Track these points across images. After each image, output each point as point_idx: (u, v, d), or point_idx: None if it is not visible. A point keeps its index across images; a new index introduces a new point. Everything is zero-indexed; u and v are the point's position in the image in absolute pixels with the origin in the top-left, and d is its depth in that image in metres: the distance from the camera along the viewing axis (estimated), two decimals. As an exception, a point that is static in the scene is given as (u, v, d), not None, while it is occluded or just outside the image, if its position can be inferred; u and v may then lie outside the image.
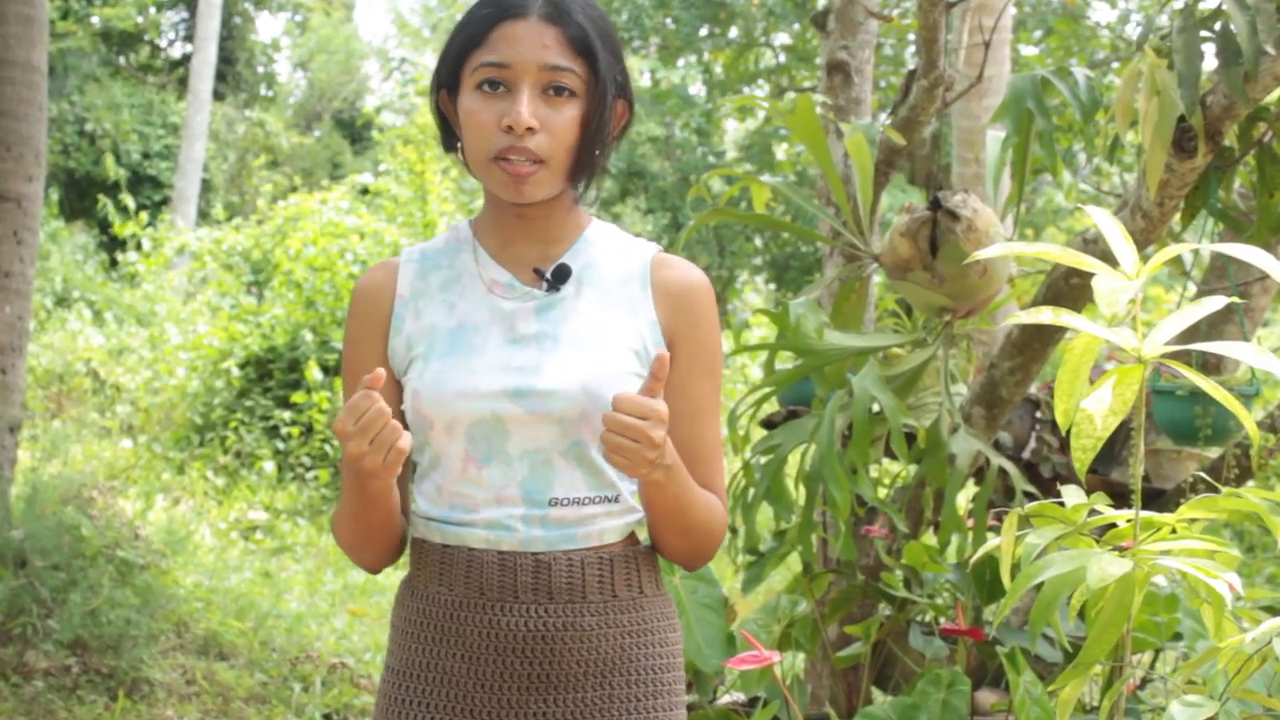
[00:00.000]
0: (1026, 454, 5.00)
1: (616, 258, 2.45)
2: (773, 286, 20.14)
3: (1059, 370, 1.94)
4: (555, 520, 2.35)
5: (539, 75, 2.28)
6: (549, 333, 2.37)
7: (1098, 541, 2.04)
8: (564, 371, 2.33)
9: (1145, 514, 2.02)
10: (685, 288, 2.44)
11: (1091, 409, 1.90)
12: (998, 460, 4.08)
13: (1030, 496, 4.22)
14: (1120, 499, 4.47)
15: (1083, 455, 1.91)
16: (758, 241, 20.55)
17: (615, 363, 2.35)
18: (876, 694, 4.69)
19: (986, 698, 4.25)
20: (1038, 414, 5.06)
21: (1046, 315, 1.92)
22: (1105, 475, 4.98)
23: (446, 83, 2.39)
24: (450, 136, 2.45)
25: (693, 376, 2.43)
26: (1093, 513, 2.07)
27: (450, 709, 2.37)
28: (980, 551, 2.18)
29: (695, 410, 2.43)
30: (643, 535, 2.47)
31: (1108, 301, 1.84)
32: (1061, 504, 2.08)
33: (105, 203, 15.10)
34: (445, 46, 2.38)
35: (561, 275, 2.40)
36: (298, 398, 11.45)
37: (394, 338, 2.40)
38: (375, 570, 2.46)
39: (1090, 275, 1.92)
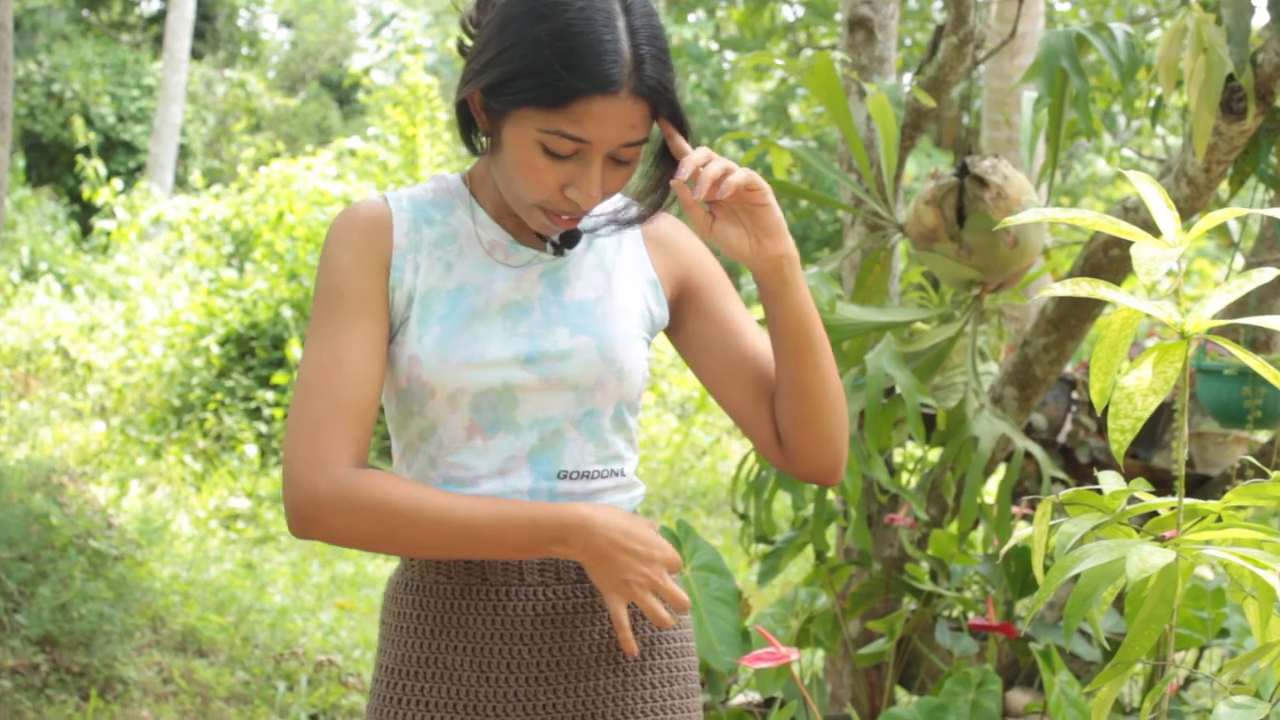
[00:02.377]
0: (1062, 437, 4.99)
1: (608, 216, 2.46)
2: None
3: (1095, 347, 1.93)
4: (563, 494, 2.36)
5: (614, 149, 2.23)
6: (553, 297, 2.38)
7: (1138, 531, 2.04)
8: (577, 335, 2.35)
9: (1189, 501, 2.01)
10: (667, 231, 2.50)
11: (1130, 387, 1.89)
12: (1024, 444, 4.07)
13: (1062, 483, 4.22)
14: (1162, 485, 4.47)
15: (1120, 437, 1.90)
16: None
17: (625, 325, 2.39)
18: (901, 694, 4.69)
19: (1019, 698, 4.25)
20: (1074, 395, 5.06)
21: (1084, 287, 1.91)
22: (1146, 460, 4.98)
23: (489, 94, 2.25)
24: (472, 130, 2.37)
25: (719, 301, 2.47)
26: (1132, 500, 2.06)
27: (451, 706, 2.36)
28: (1011, 542, 2.18)
29: (740, 327, 2.46)
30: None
31: (1146, 270, 1.83)
32: (1099, 491, 2.07)
33: (83, 164, 15.09)
34: (500, 53, 2.22)
35: (571, 239, 2.41)
36: (281, 378, 11.45)
37: (395, 290, 2.34)
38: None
39: (1130, 245, 1.91)
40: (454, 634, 2.36)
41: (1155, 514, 2.08)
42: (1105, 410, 1.93)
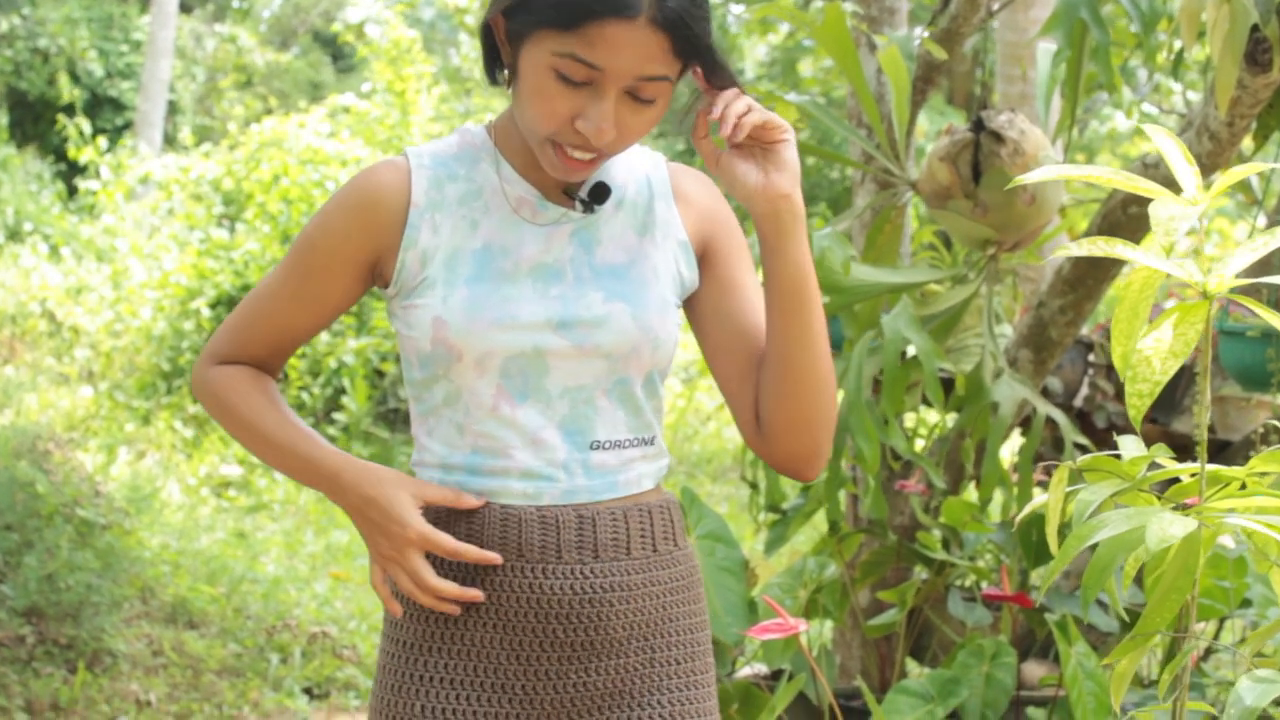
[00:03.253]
0: (1078, 402, 4.98)
1: (639, 173, 2.45)
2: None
3: (1115, 308, 1.91)
4: (597, 466, 2.35)
5: (630, 82, 2.21)
6: (584, 259, 2.36)
7: (1158, 498, 2.03)
8: (611, 302, 2.34)
9: (1211, 467, 2.00)
10: (697, 190, 2.48)
11: (1150, 350, 1.88)
12: (1045, 409, 4.06)
13: (1082, 449, 4.21)
14: (1182, 452, 4.45)
15: (1139, 401, 1.89)
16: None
17: (659, 291, 2.38)
18: (912, 666, 4.69)
19: (1034, 671, 4.25)
20: (1091, 358, 5.05)
21: (1102, 246, 1.90)
22: (1165, 425, 4.97)
23: (510, 16, 2.26)
24: (495, 60, 2.37)
25: (734, 269, 2.46)
26: (1153, 466, 2.05)
27: (479, 684, 2.35)
28: (1027, 509, 2.17)
29: (747, 299, 2.45)
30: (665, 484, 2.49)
31: (1166, 230, 1.82)
32: (1117, 456, 2.06)
33: (64, 123, 15.06)
34: None
35: (600, 195, 2.38)
36: (274, 341, 11.43)
37: (406, 251, 2.34)
38: None
39: (1149, 203, 1.90)
40: (486, 610, 2.34)
41: (1177, 481, 2.07)
42: (1122, 377, 1.92)
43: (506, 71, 2.33)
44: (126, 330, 12.36)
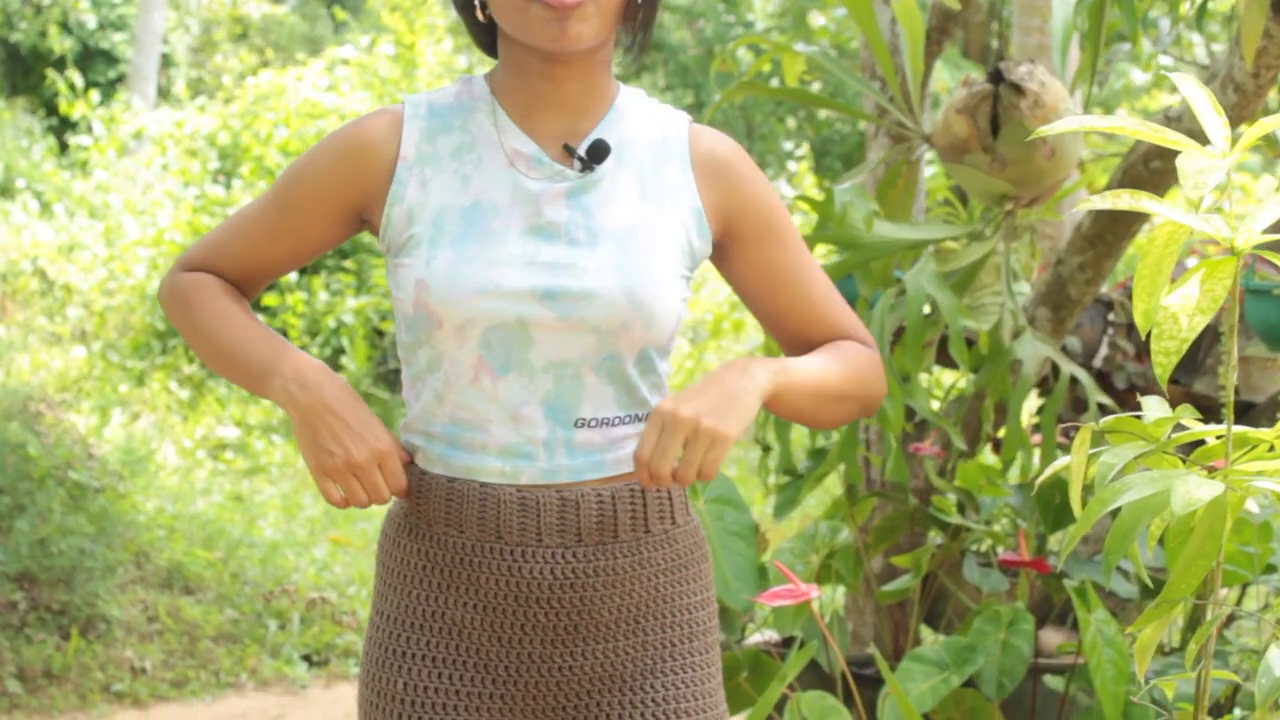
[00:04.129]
0: (1098, 362, 4.97)
1: (651, 133, 2.39)
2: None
3: (1139, 265, 1.90)
4: (581, 445, 2.30)
5: None
6: (581, 223, 2.30)
7: (1183, 461, 2.01)
8: (604, 272, 2.27)
9: (1238, 429, 1.98)
10: (723, 159, 2.42)
11: (1175, 307, 1.86)
12: (1068, 368, 4.05)
13: (1104, 409, 4.20)
14: (1205, 414, 4.44)
15: (1164, 359, 1.88)
16: (791, 122, 20.44)
17: (661, 263, 2.31)
18: (926, 633, 4.68)
19: (1052, 638, 4.24)
20: (1110, 316, 5.03)
21: (1125, 199, 1.88)
22: (1187, 386, 4.95)
23: None
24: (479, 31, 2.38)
25: (766, 248, 2.43)
26: (1177, 428, 2.03)
27: (461, 663, 2.33)
28: (1048, 472, 2.15)
29: (785, 280, 2.43)
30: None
31: (1194, 183, 1.80)
32: (1141, 418, 2.04)
33: (54, 78, 15.03)
34: None
35: (599, 153, 2.32)
36: (270, 299, 11.44)
37: (392, 206, 2.31)
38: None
39: (1173, 157, 1.88)
40: (464, 589, 2.32)
41: (1201, 443, 2.06)
42: (1149, 334, 1.90)
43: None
44: (120, 289, 12.34)
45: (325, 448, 2.24)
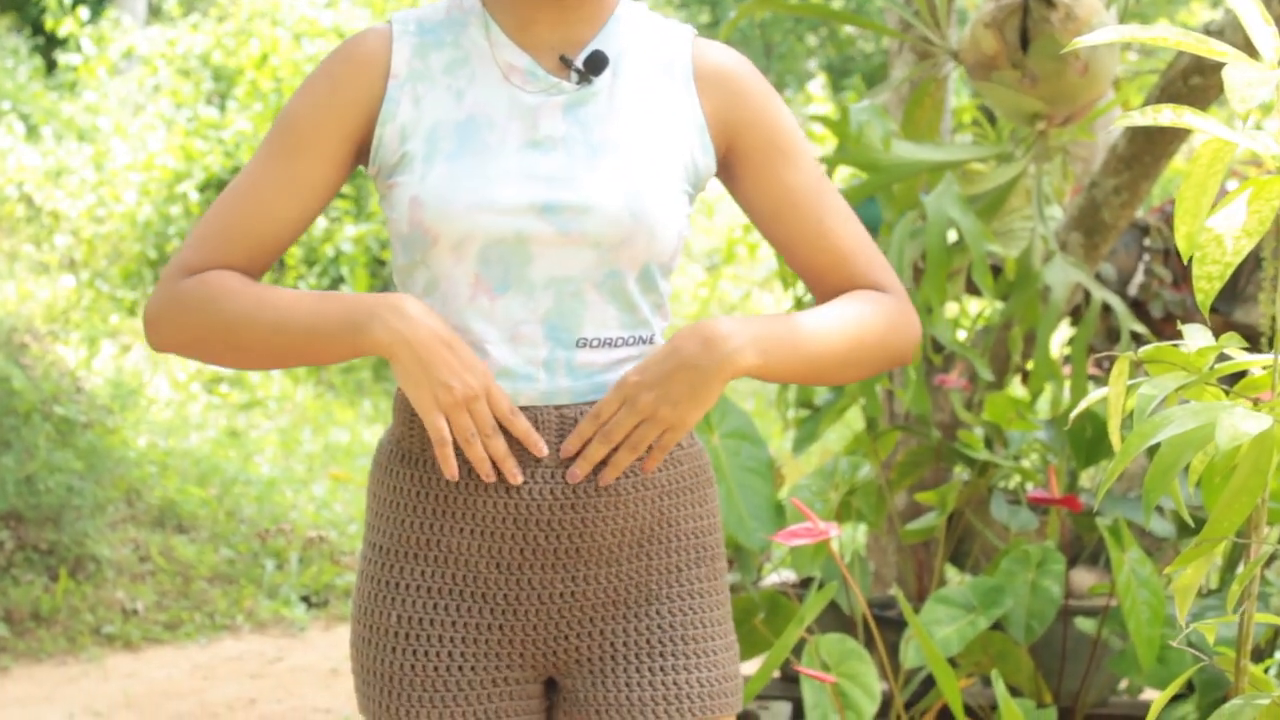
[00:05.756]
0: (1133, 289, 4.93)
1: (652, 45, 2.37)
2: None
3: (1181, 186, 1.87)
4: (582, 366, 2.29)
5: None
6: (579, 136, 2.29)
7: (1226, 393, 1.98)
8: (603, 185, 2.26)
9: (1286, 359, 1.95)
10: (728, 72, 2.39)
11: (1220, 229, 1.82)
12: (1101, 294, 4.02)
13: (1138, 339, 4.18)
14: (1247, 344, 4.41)
15: (1207, 285, 1.84)
16: (812, 40, 20.38)
17: (661, 176, 2.30)
18: (952, 574, 4.68)
19: (1084, 578, 4.23)
20: (1146, 242, 4.99)
21: (1167, 115, 1.84)
22: (1226, 315, 4.91)
23: None
24: None
25: (775, 167, 2.39)
26: (1220, 358, 2.00)
27: (459, 593, 2.32)
28: (1083, 404, 2.12)
29: (795, 202, 2.40)
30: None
31: (1241, 97, 1.76)
32: (1182, 347, 2.01)
33: (38, -5, 14.99)
34: None
35: (596, 65, 2.30)
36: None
37: (384, 125, 2.30)
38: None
39: (1214, 73, 1.84)
40: (460, 516, 2.31)
41: (1243, 374, 2.03)
42: (1190, 260, 1.87)
43: None
44: (110, 215, 12.33)
45: (443, 381, 2.21)
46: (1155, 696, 4.26)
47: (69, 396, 7.02)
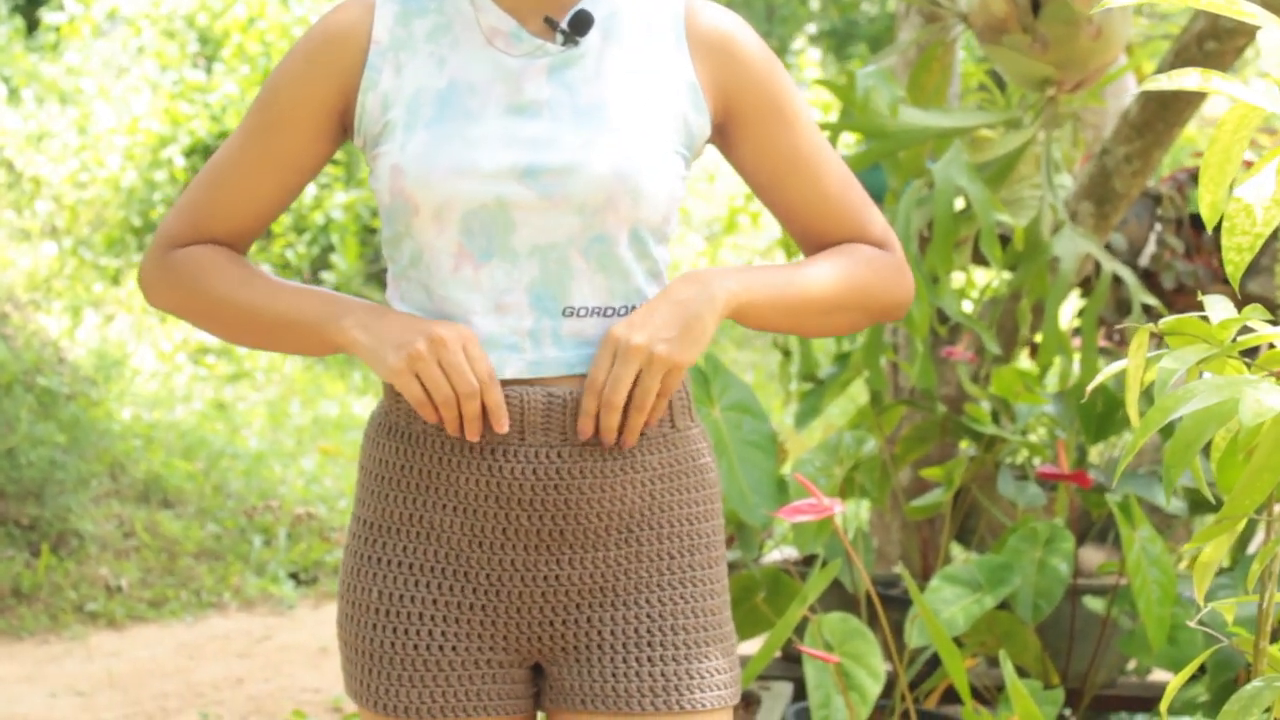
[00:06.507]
0: (1144, 260, 4.92)
1: (643, 6, 2.35)
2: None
3: (1206, 152, 1.84)
4: (570, 335, 2.27)
5: None
6: (564, 99, 2.27)
7: (1248, 367, 1.96)
8: (587, 146, 2.24)
9: (1308, 332, 1.93)
10: (723, 33, 2.37)
11: (1249, 198, 1.80)
12: (1111, 266, 4.01)
13: (1150, 311, 4.16)
14: (1262, 316, 4.40)
15: (1236, 258, 1.82)
16: (814, 3, 20.36)
17: (650, 136, 2.28)
18: (958, 551, 4.67)
19: (1093, 556, 4.22)
20: (1158, 211, 4.98)
21: (1194, 78, 1.82)
22: (1240, 286, 4.91)
23: None
24: None
25: (772, 131, 2.38)
26: (1242, 331, 1.98)
27: (439, 570, 2.31)
28: (1100, 378, 2.10)
29: (793, 167, 2.39)
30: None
31: (1277, 59, 1.73)
32: (1203, 318, 1.99)
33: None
34: None
35: (581, 25, 2.28)
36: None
37: (366, 93, 2.30)
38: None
39: (1230, 38, 1.81)
40: (442, 491, 2.30)
41: (1257, 349, 2.01)
42: (1196, 231, 1.85)
43: None
44: (93, 181, 12.32)
45: (406, 339, 2.22)
46: (1165, 677, 4.26)
47: (51, 367, 7.01)
